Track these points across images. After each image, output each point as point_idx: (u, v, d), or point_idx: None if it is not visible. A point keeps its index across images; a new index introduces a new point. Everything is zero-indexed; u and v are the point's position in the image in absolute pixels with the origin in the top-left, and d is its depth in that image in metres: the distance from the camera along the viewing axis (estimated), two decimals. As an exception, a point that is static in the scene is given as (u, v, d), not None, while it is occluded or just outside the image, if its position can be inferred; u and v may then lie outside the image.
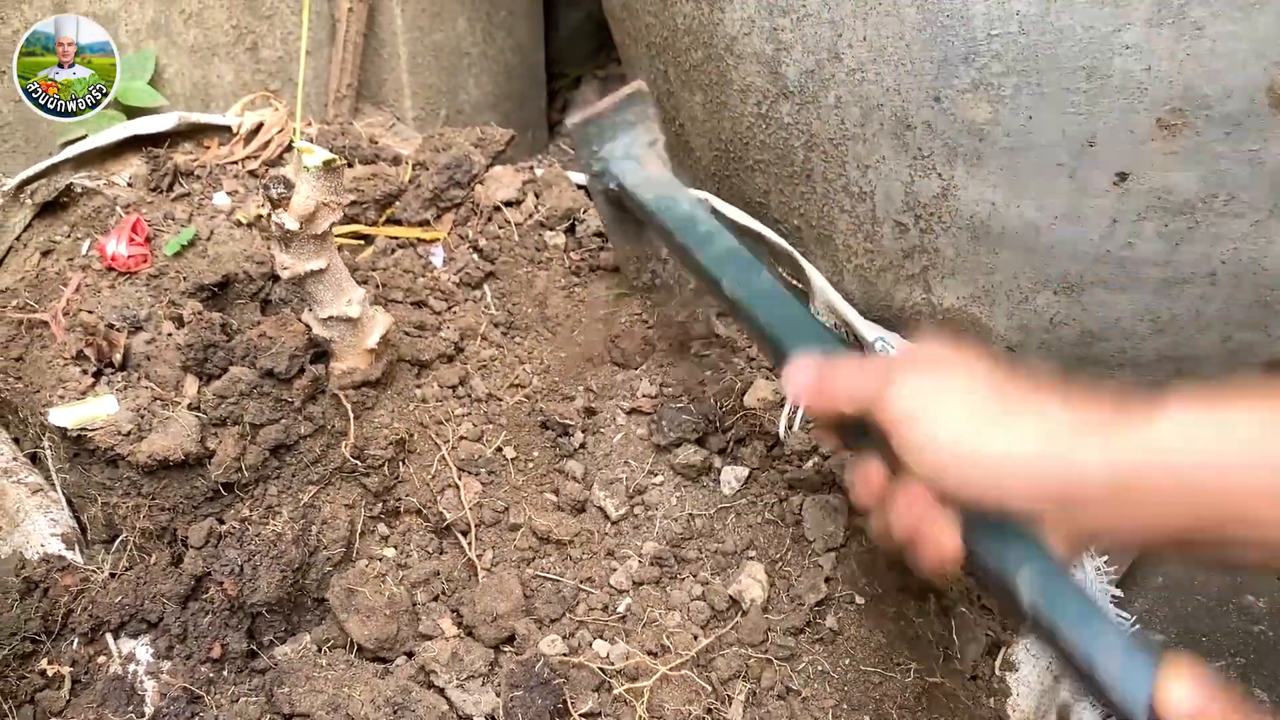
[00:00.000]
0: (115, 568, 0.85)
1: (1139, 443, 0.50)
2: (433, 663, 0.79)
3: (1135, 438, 0.51)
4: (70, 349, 0.89)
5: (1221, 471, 0.49)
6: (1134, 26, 0.77)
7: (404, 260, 1.05)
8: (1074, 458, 0.51)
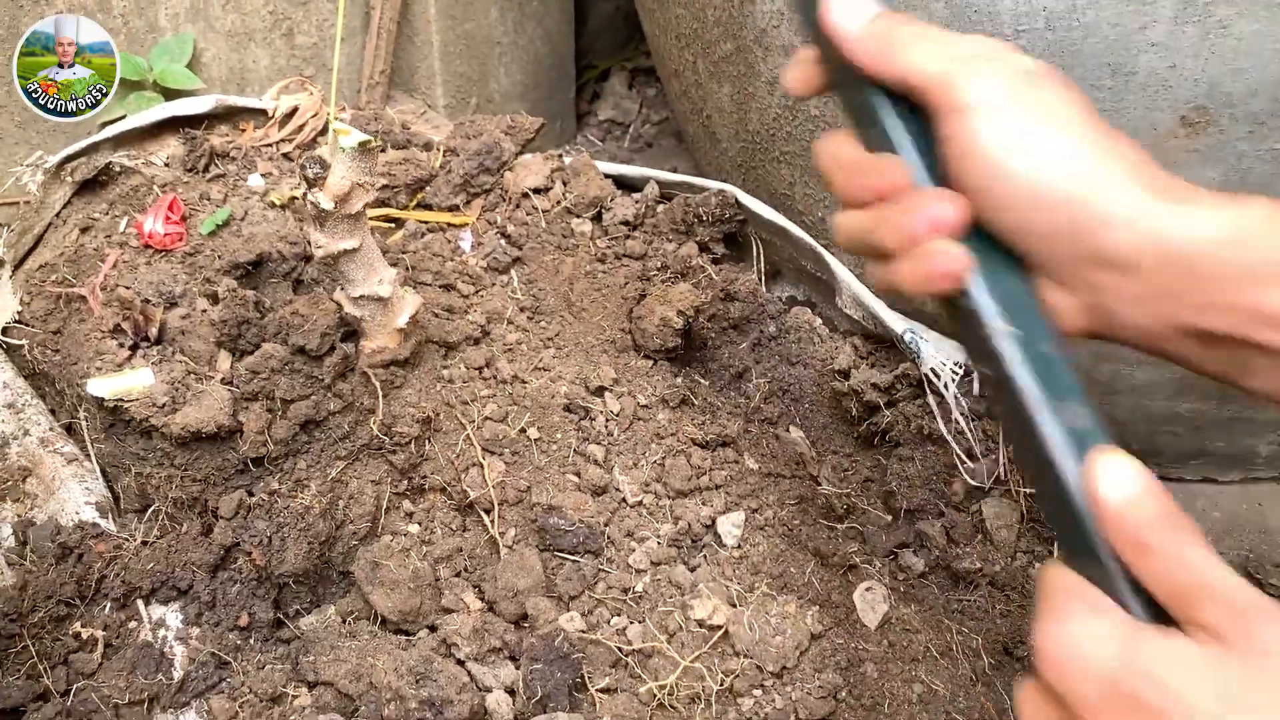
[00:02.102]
0: (147, 536, 0.87)
1: (1226, 221, 0.47)
2: (454, 635, 0.81)
3: (1223, 215, 0.47)
4: (107, 323, 0.91)
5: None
6: (1159, 24, 0.78)
7: (433, 244, 1.07)
8: (1155, 220, 0.48)
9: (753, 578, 0.86)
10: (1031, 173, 0.49)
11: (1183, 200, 0.48)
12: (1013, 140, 0.49)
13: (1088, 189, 0.48)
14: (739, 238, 1.15)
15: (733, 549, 0.88)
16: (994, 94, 0.50)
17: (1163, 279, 0.48)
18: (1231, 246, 0.46)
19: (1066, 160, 0.49)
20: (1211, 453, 1.16)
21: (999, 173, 0.49)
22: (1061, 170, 0.49)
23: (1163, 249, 0.48)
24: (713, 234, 1.12)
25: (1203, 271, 0.47)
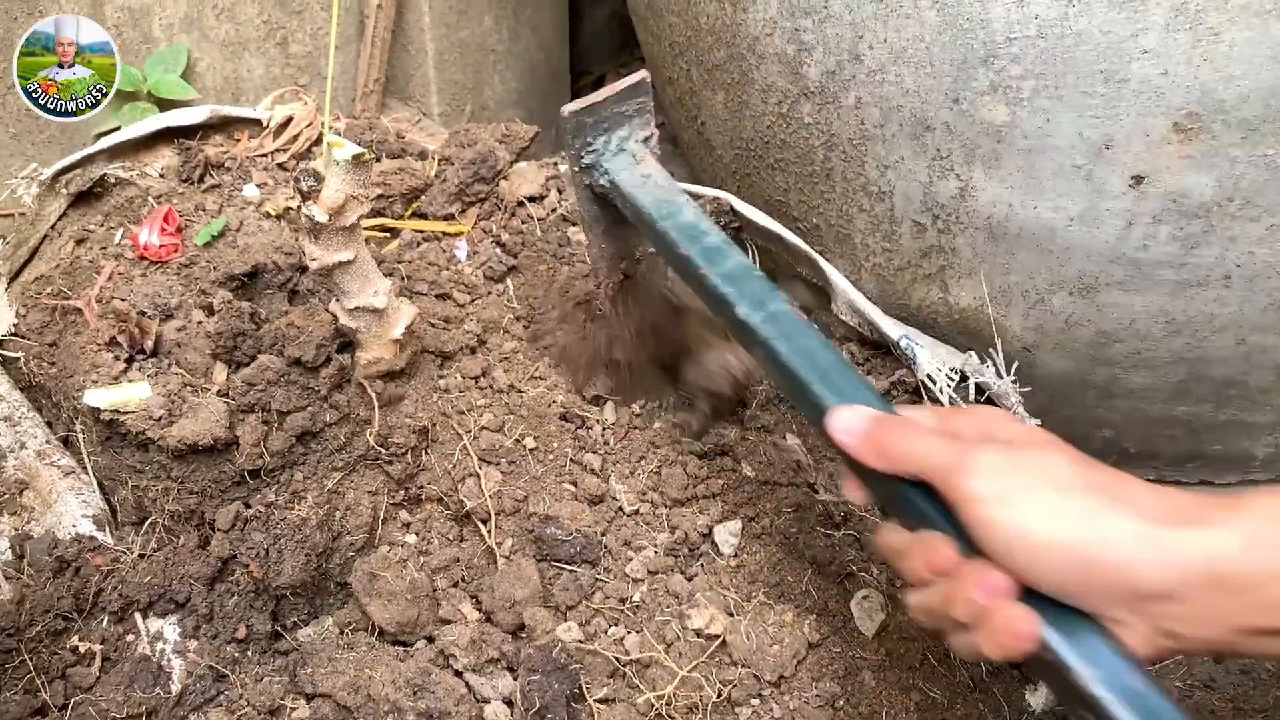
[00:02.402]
0: (144, 549, 0.87)
1: (1237, 534, 0.51)
2: (452, 646, 0.81)
3: (1232, 528, 0.51)
4: (103, 335, 0.91)
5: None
6: (1151, 31, 0.78)
7: (429, 253, 1.07)
8: (1173, 547, 0.52)
9: (750, 586, 0.86)
10: (1048, 543, 0.53)
11: (1190, 523, 0.52)
12: (1021, 519, 0.54)
13: (1104, 541, 0.53)
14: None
15: (730, 558, 0.88)
16: (993, 480, 0.55)
17: (1203, 598, 0.51)
18: (1253, 552, 0.51)
19: (1071, 520, 0.53)
20: (1208, 456, 1.16)
21: (1021, 548, 0.54)
22: (1074, 533, 0.53)
23: (1190, 574, 0.51)
24: (708, 241, 1.12)
25: (1236, 583, 0.51)
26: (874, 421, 0.63)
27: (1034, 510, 0.54)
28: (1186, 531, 0.52)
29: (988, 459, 0.57)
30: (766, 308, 0.72)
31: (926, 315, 1.08)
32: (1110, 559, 0.52)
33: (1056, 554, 0.53)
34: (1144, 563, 0.52)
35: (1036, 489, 0.55)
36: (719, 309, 0.75)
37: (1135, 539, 0.52)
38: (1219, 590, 0.51)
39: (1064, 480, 0.55)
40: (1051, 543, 0.53)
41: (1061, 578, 0.54)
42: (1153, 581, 0.52)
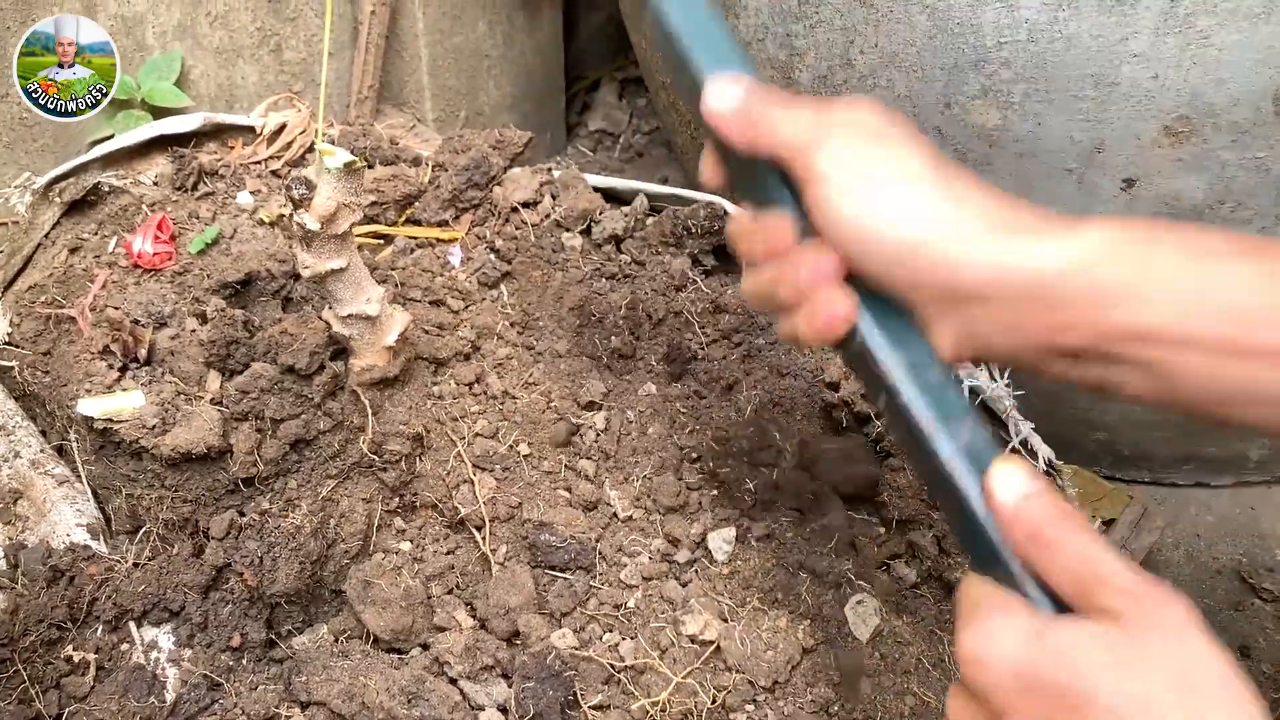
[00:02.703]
0: (139, 558, 0.87)
1: (1064, 251, 0.51)
2: (447, 654, 0.81)
3: (1062, 244, 0.51)
4: (96, 344, 0.91)
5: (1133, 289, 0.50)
6: (1141, 35, 0.78)
7: (423, 260, 1.07)
8: (995, 253, 0.52)
9: (744, 592, 0.86)
10: (880, 228, 0.53)
11: (1023, 232, 0.51)
12: (861, 201, 0.53)
13: (931, 235, 0.52)
14: (728, 249, 1.15)
15: (724, 564, 0.88)
16: (842, 161, 0.54)
17: (1016, 308, 0.52)
18: (1074, 273, 0.50)
19: (909, 211, 0.53)
20: (1203, 457, 1.16)
21: (854, 232, 0.54)
22: (906, 221, 0.53)
23: (1008, 281, 0.51)
24: (702, 246, 1.13)
25: (1050, 298, 0.51)
26: (750, 96, 0.58)
27: (875, 197, 0.54)
28: (1016, 238, 0.52)
29: (844, 140, 0.55)
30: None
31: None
32: (935, 253, 0.52)
33: (885, 242, 0.53)
34: (966, 262, 0.52)
35: (883, 176, 0.54)
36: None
37: (964, 238, 0.52)
38: (1031, 302, 0.51)
39: (914, 172, 0.54)
40: (882, 230, 0.53)
41: (886, 266, 0.54)
42: (970, 282, 0.52)
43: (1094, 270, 0.50)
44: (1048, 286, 0.51)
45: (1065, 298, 0.50)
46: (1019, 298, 0.51)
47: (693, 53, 0.61)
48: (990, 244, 0.52)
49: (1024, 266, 0.51)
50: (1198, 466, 1.19)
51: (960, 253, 0.52)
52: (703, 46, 0.61)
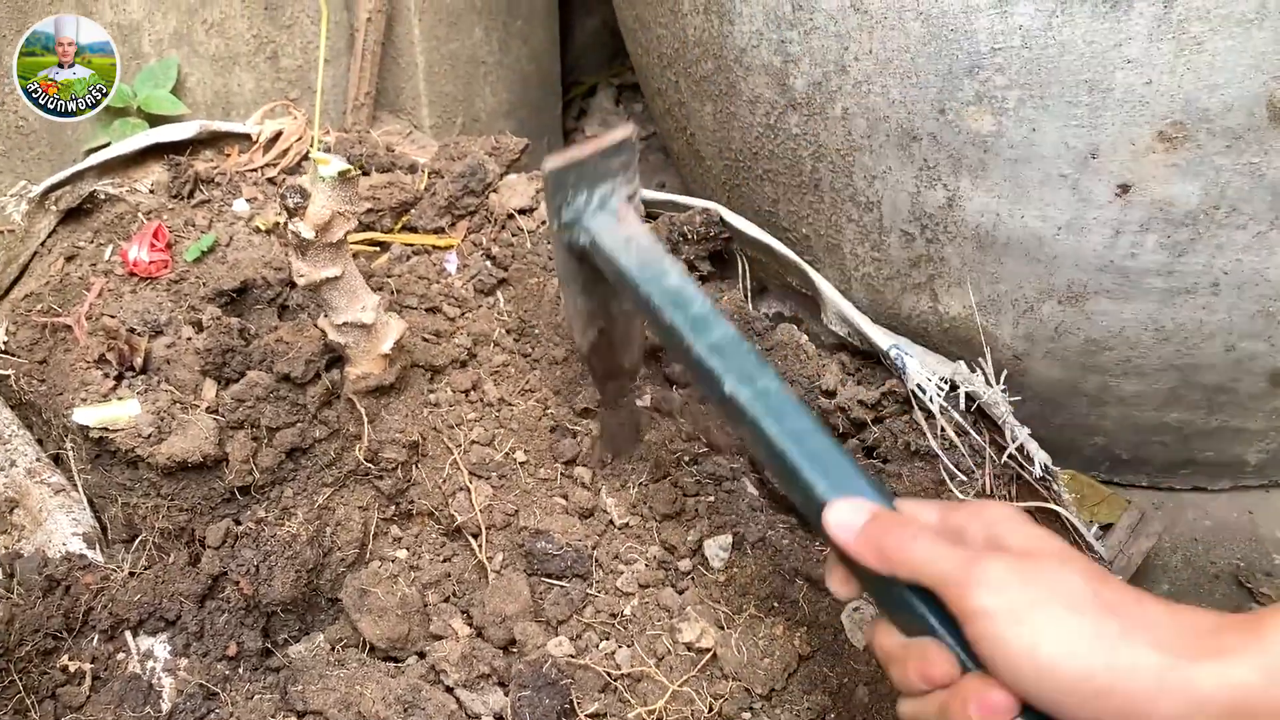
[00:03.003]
0: (135, 567, 0.87)
1: (1257, 663, 0.49)
2: (443, 662, 0.81)
3: (1253, 657, 0.49)
4: (92, 353, 0.91)
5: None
6: (1135, 41, 0.78)
7: (419, 267, 1.07)
8: (1192, 682, 0.49)
9: (740, 600, 0.86)
10: (1059, 666, 0.51)
11: (1210, 651, 0.49)
12: (1031, 638, 0.51)
13: (1118, 670, 0.50)
14: (724, 255, 1.15)
15: (720, 571, 0.88)
16: (1003, 594, 0.52)
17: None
18: (1273, 684, 0.48)
19: (1088, 646, 0.51)
20: (1201, 462, 1.16)
21: (1029, 670, 0.51)
22: (1088, 658, 0.50)
23: (1208, 708, 0.49)
24: (698, 252, 1.12)
25: (1258, 713, 0.48)
26: (874, 520, 0.59)
27: (1045, 630, 0.51)
28: (1205, 663, 0.49)
29: (996, 571, 0.54)
30: (755, 383, 0.67)
31: (916, 324, 1.08)
32: (1125, 689, 0.50)
33: (1068, 679, 0.51)
34: (1160, 695, 0.49)
35: (1048, 606, 0.52)
36: (703, 382, 0.70)
37: (1152, 669, 0.50)
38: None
39: (1077, 598, 0.52)
40: (1063, 666, 0.51)
41: (1072, 704, 0.51)
42: (1169, 715, 0.49)
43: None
44: (1250, 706, 0.48)
45: (1272, 713, 0.48)
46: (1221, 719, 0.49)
47: (803, 471, 0.62)
48: (1179, 672, 0.49)
49: (1220, 691, 0.49)
50: (1195, 471, 1.19)
51: (1150, 685, 0.50)
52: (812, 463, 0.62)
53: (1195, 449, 1.13)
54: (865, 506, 0.60)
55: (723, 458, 0.95)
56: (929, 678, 0.56)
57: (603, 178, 0.78)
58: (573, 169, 0.77)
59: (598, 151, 0.77)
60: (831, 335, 1.07)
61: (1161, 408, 1.06)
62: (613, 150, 0.78)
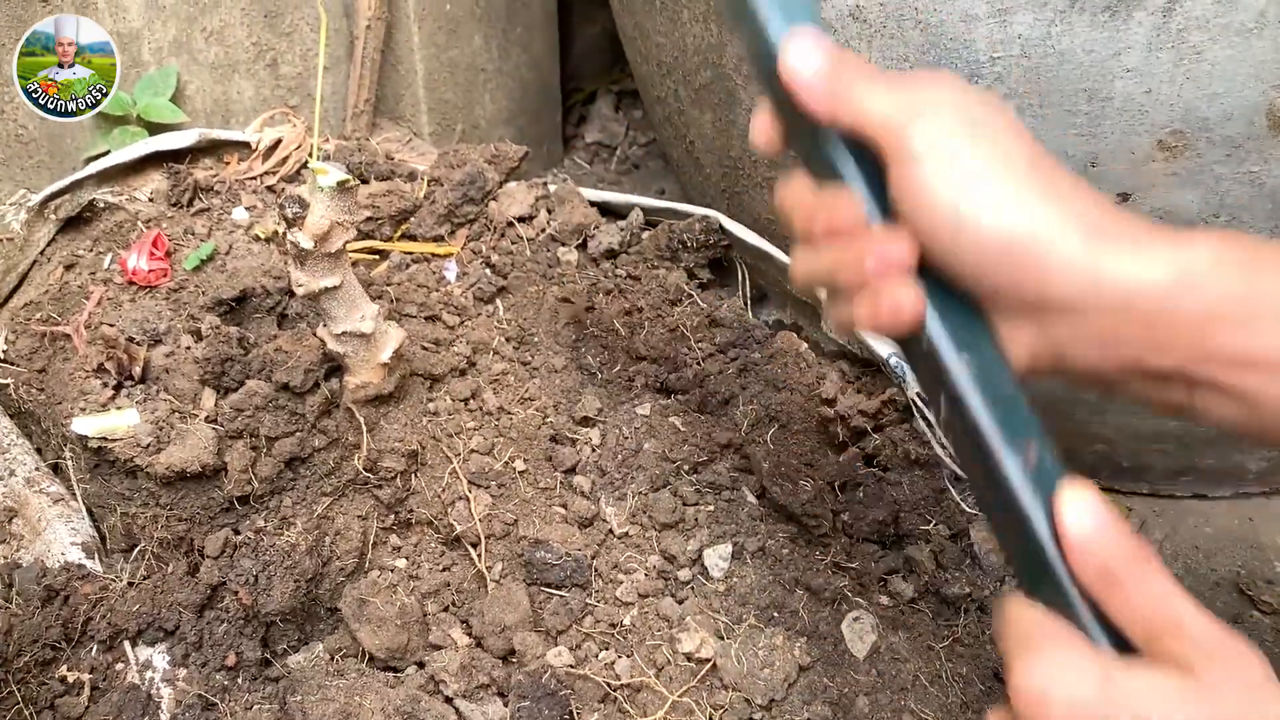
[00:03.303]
0: (133, 576, 0.87)
1: (1170, 267, 0.47)
2: (442, 672, 0.81)
3: (1167, 261, 0.47)
4: (91, 362, 0.91)
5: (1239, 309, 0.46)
6: (1134, 50, 0.78)
7: (418, 275, 1.07)
8: (1097, 265, 0.48)
9: (740, 610, 0.85)
10: (975, 221, 0.49)
11: (1127, 243, 0.48)
12: (957, 189, 0.49)
13: (1029, 235, 0.48)
14: (724, 262, 1.15)
15: (720, 581, 0.88)
16: (940, 142, 0.50)
17: (1109, 322, 0.48)
18: (1177, 289, 0.47)
19: (1009, 207, 0.49)
20: (1201, 469, 1.16)
21: (944, 220, 0.50)
22: (1004, 218, 0.49)
23: (1106, 293, 0.48)
24: (698, 259, 1.13)
25: (1148, 315, 0.48)
26: (835, 62, 0.53)
27: (973, 186, 0.49)
28: (1118, 248, 0.48)
29: (941, 121, 0.51)
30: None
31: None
32: (1031, 255, 0.48)
33: (980, 235, 0.49)
34: (1063, 269, 0.48)
35: (982, 164, 0.49)
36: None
37: (1063, 242, 0.48)
38: (1127, 317, 0.48)
39: (1015, 164, 0.50)
40: (985, 223, 0.49)
41: (975, 263, 0.50)
42: (1064, 290, 0.49)
43: (1201, 288, 0.47)
44: (1149, 301, 0.47)
45: (1166, 315, 0.47)
46: (1114, 311, 0.48)
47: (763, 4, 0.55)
48: (1090, 251, 0.48)
49: (1125, 278, 0.47)
50: (1196, 478, 1.18)
51: (1058, 258, 0.48)
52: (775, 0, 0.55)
53: (1196, 456, 1.13)
54: (825, 46, 0.54)
55: (722, 466, 0.95)
56: (833, 224, 0.54)
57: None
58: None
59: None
60: (831, 343, 1.07)
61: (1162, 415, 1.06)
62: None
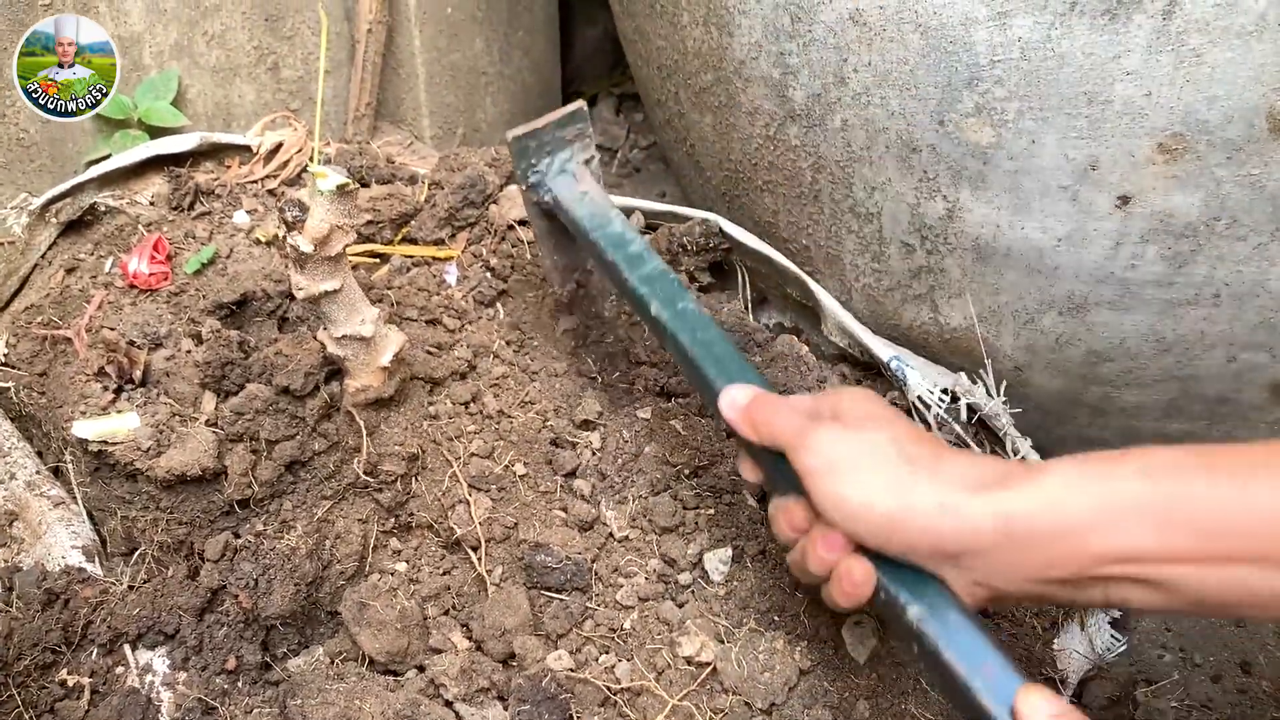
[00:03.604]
0: (134, 580, 0.87)
1: (1029, 496, 0.57)
2: (442, 676, 0.80)
3: (1024, 491, 0.57)
4: (92, 365, 0.91)
5: (1101, 517, 0.55)
6: (1134, 53, 0.78)
7: (419, 278, 1.07)
8: (966, 511, 0.58)
9: (740, 613, 0.85)
10: (863, 510, 0.61)
11: (992, 487, 0.58)
12: (842, 489, 0.62)
13: (908, 508, 0.60)
14: (724, 266, 1.15)
15: (720, 585, 0.88)
16: (822, 453, 0.63)
17: (1000, 554, 0.58)
18: (1040, 514, 0.56)
19: (885, 492, 0.61)
20: (1202, 472, 1.15)
21: (843, 515, 0.62)
22: (884, 502, 0.60)
23: (983, 532, 0.58)
24: (698, 263, 1.13)
25: (1025, 541, 0.57)
26: (752, 398, 0.71)
27: (852, 482, 0.62)
28: (983, 495, 0.58)
29: (823, 435, 0.64)
30: (675, 306, 0.80)
31: (917, 335, 1.08)
32: (914, 523, 0.59)
33: (870, 519, 0.61)
34: (942, 524, 0.58)
35: (858, 463, 0.62)
36: (637, 307, 0.84)
37: (936, 504, 0.59)
38: (1011, 547, 0.57)
39: (884, 455, 0.62)
40: (866, 510, 0.61)
41: (878, 539, 0.61)
42: (952, 539, 0.58)
43: (1058, 508, 0.56)
44: (1018, 531, 0.57)
45: (1036, 538, 0.57)
46: (1000, 546, 0.58)
47: (707, 369, 0.76)
48: (959, 504, 0.58)
49: (995, 517, 0.57)
50: (1197, 481, 1.18)
51: (934, 517, 0.59)
52: (714, 363, 0.76)
53: (1197, 460, 1.12)
54: (750, 390, 0.72)
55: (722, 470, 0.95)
56: (793, 526, 0.68)
57: (560, 145, 0.91)
58: (532, 137, 0.90)
59: (552, 122, 0.90)
60: (832, 346, 1.07)
61: (1163, 419, 1.05)
62: (566, 120, 0.91)
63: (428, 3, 1.41)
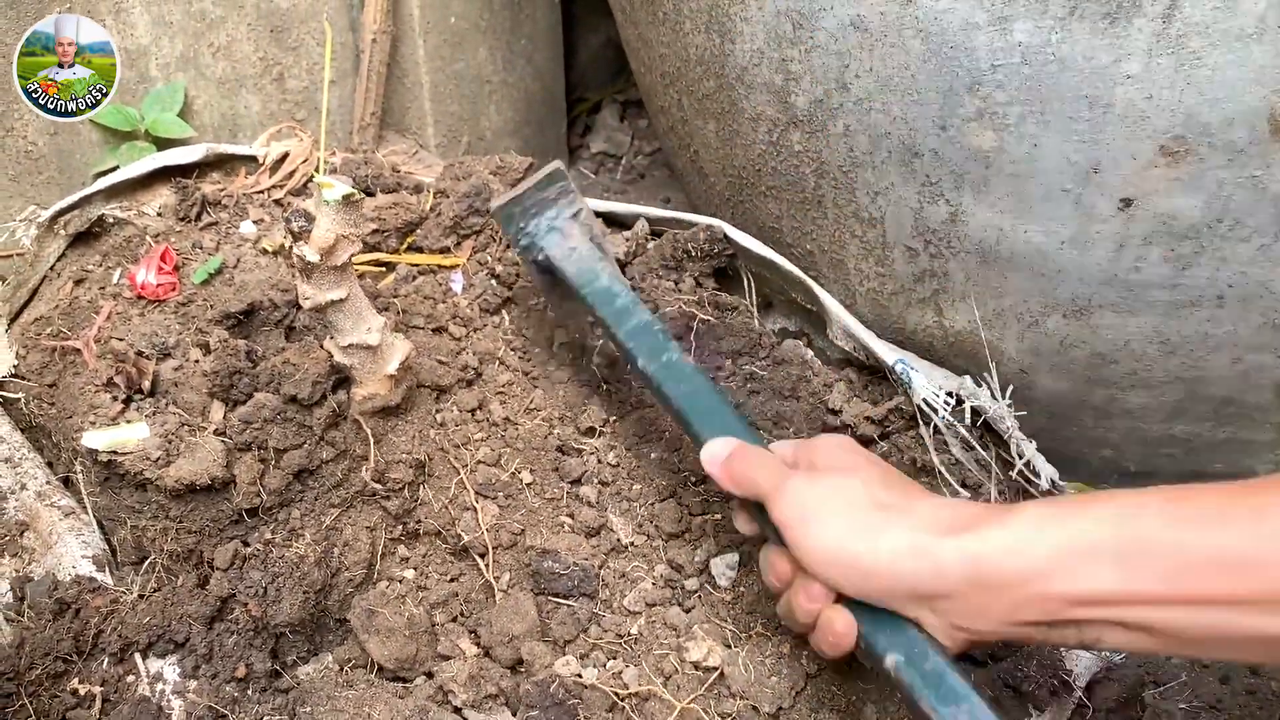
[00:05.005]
0: (144, 589, 0.87)
1: (995, 539, 0.58)
2: (451, 683, 0.81)
3: (992, 534, 0.58)
4: (101, 376, 0.92)
5: (1063, 560, 0.55)
6: (1134, 56, 0.78)
7: (424, 287, 1.07)
8: (936, 553, 0.59)
9: (747, 618, 0.86)
10: (835, 558, 0.62)
11: (962, 530, 0.59)
12: (815, 538, 0.63)
13: (878, 553, 0.61)
14: (729, 272, 1.15)
15: (727, 589, 0.88)
16: (796, 505, 0.65)
17: (971, 596, 0.59)
18: (1008, 556, 0.57)
19: (856, 539, 0.62)
20: (1209, 474, 1.15)
21: (818, 564, 0.63)
22: (855, 548, 0.61)
23: (953, 576, 0.58)
24: (703, 269, 1.13)
25: (995, 582, 0.58)
26: (731, 451, 0.72)
27: (825, 530, 0.63)
28: (953, 539, 0.59)
29: (796, 484, 0.66)
30: (661, 358, 0.83)
31: (922, 339, 1.08)
32: (885, 568, 0.60)
33: (842, 564, 0.62)
34: (914, 567, 0.59)
35: (830, 512, 0.63)
36: (625, 359, 0.87)
37: (907, 546, 0.60)
38: (982, 589, 0.58)
39: (855, 502, 0.63)
40: (838, 557, 0.62)
41: (854, 585, 0.62)
42: (924, 582, 0.59)
43: (1023, 551, 0.57)
44: (986, 574, 0.58)
45: (1006, 580, 0.57)
46: (970, 589, 0.58)
47: (692, 421, 0.79)
48: (928, 548, 0.59)
49: (963, 560, 0.58)
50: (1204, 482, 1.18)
51: (905, 562, 0.60)
52: (698, 415, 0.79)
53: (1204, 461, 1.12)
54: (731, 443, 0.73)
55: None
56: (778, 576, 0.69)
57: (545, 205, 0.95)
58: (516, 203, 0.94)
59: (531, 186, 0.94)
60: (837, 351, 1.07)
61: (1169, 420, 1.06)
62: (545, 182, 0.94)
63: (432, 12, 1.41)
